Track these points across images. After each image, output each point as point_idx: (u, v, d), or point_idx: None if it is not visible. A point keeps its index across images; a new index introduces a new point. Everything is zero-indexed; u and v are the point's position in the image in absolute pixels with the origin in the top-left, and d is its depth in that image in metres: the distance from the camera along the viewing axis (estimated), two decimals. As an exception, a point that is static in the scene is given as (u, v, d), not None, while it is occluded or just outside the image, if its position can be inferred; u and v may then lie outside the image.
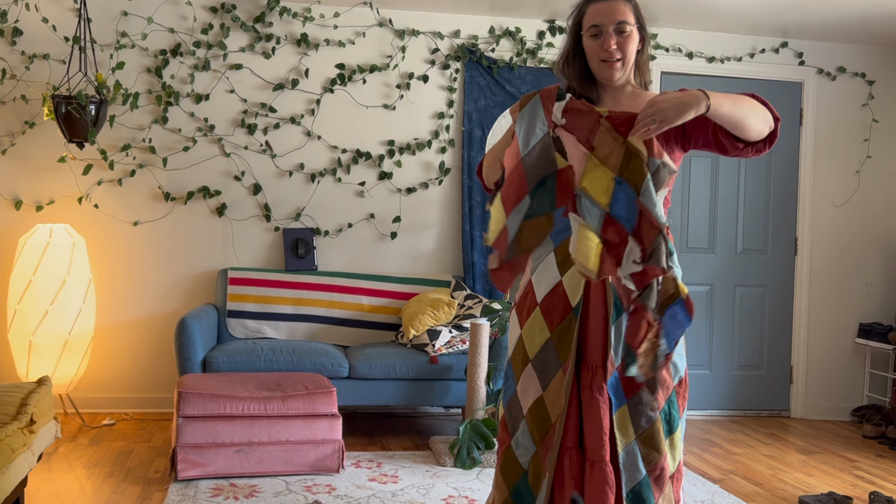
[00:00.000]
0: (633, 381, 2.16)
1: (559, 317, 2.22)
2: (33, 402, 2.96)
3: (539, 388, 2.22)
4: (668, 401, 2.20)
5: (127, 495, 3.58)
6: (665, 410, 2.20)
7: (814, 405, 5.67)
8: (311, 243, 5.12)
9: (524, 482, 2.26)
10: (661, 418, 2.20)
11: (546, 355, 2.23)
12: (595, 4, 2.26)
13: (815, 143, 5.65)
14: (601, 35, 2.22)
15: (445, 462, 4.13)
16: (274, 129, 5.16)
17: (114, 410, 5.03)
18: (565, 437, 2.20)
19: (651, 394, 2.10)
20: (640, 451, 2.18)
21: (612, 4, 2.24)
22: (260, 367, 4.42)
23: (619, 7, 2.24)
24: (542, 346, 2.23)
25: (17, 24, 4.88)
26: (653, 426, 2.19)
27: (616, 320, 2.19)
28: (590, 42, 2.25)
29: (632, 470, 2.17)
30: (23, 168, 4.94)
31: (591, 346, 2.21)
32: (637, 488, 2.18)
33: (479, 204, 5.27)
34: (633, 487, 2.17)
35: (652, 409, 2.19)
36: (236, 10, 5.07)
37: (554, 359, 2.21)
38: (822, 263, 5.68)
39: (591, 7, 2.26)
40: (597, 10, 2.25)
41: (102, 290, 5.01)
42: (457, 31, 5.30)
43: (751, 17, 5.16)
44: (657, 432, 2.19)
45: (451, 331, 4.71)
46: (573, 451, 2.20)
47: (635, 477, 2.18)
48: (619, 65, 2.23)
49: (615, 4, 2.24)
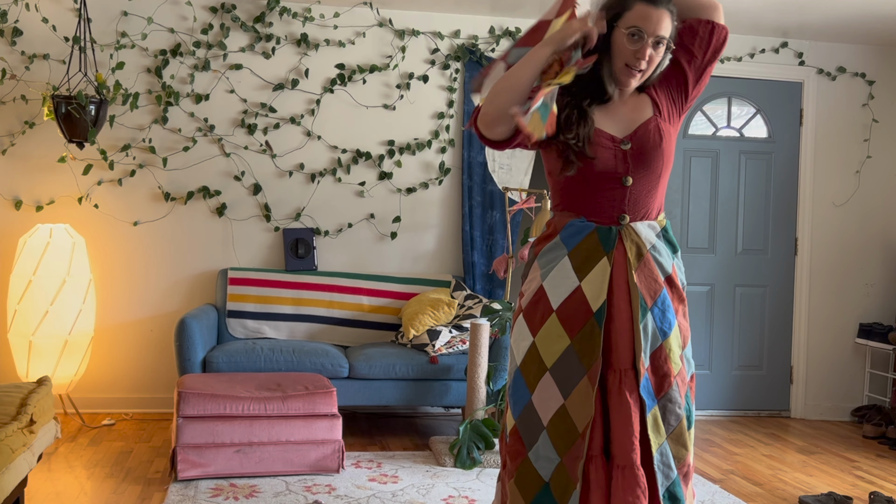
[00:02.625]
0: (663, 381, 2.16)
1: (580, 323, 2.16)
2: (33, 402, 2.96)
3: (561, 397, 2.15)
4: (684, 396, 2.22)
5: (127, 495, 3.58)
6: (686, 407, 2.22)
7: (814, 405, 5.67)
8: (311, 243, 5.12)
9: (546, 494, 2.17)
10: (685, 415, 2.20)
11: (567, 363, 2.16)
12: (645, 6, 2.15)
13: (815, 143, 5.65)
14: (639, 41, 2.14)
15: (445, 462, 4.13)
16: (274, 129, 5.16)
17: (114, 410, 5.03)
18: (591, 446, 2.14)
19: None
20: (671, 450, 2.17)
21: (662, 13, 2.14)
22: (260, 368, 4.42)
23: (666, 19, 2.15)
24: (562, 353, 2.16)
25: (17, 24, 4.88)
26: (680, 424, 2.19)
27: (643, 320, 2.17)
28: (623, 41, 2.15)
29: (666, 470, 2.16)
30: (23, 168, 4.94)
31: (618, 350, 2.17)
32: (671, 487, 2.17)
33: (479, 204, 5.27)
34: (668, 487, 2.16)
35: (679, 407, 2.18)
36: (236, 10, 5.07)
37: (577, 366, 2.14)
38: (822, 263, 5.68)
39: (640, 7, 2.15)
40: (645, 13, 2.14)
41: (102, 290, 5.01)
42: (457, 31, 5.30)
43: (751, 17, 5.16)
44: (684, 429, 2.19)
45: (451, 331, 4.71)
46: (598, 458, 2.15)
47: (669, 476, 2.16)
48: (640, 76, 2.19)
49: (664, 14, 2.15)
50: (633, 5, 2.15)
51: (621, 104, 2.25)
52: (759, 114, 5.64)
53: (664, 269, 2.23)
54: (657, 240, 2.23)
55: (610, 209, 2.21)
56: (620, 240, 2.20)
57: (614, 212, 2.21)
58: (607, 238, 2.19)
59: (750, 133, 5.66)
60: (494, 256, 5.26)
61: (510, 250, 4.73)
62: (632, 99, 2.27)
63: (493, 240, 5.29)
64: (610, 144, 2.19)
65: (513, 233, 5.12)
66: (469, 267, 5.25)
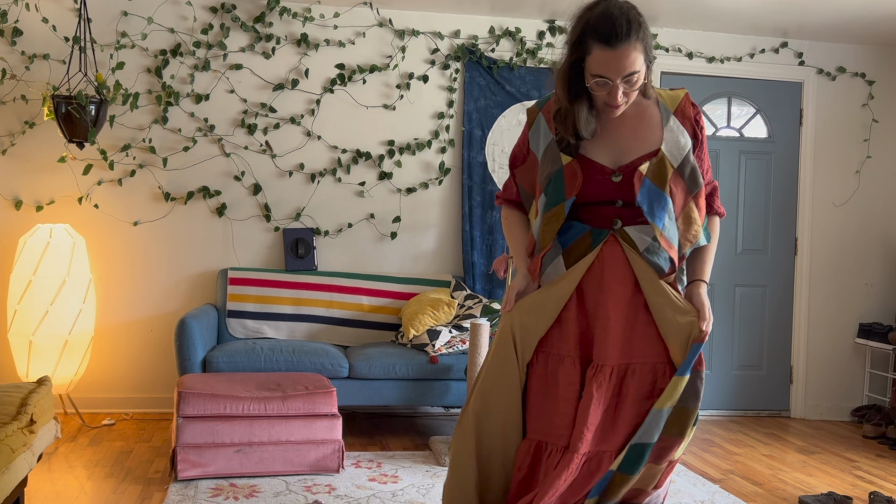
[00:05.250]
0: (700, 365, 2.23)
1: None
2: (33, 402, 2.96)
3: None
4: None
5: (127, 495, 3.58)
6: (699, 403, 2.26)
7: (814, 405, 5.67)
8: (311, 243, 5.12)
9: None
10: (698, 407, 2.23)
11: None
12: (602, 51, 2.04)
13: (815, 143, 5.65)
14: (606, 86, 2.10)
15: (445, 462, 4.13)
16: (274, 129, 5.16)
17: (114, 410, 5.03)
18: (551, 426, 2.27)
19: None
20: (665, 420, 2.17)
21: (622, 53, 2.03)
22: (260, 367, 4.42)
23: (629, 56, 2.03)
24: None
25: (17, 24, 4.88)
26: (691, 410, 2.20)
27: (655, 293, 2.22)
28: (594, 87, 2.12)
29: (649, 427, 2.16)
30: (23, 168, 4.94)
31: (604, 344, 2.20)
32: (641, 446, 2.16)
33: (478, 204, 5.27)
34: (639, 441, 2.16)
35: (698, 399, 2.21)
36: (236, 10, 5.07)
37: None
38: (822, 263, 5.68)
39: (598, 53, 2.05)
40: (604, 59, 2.04)
41: (102, 290, 5.01)
42: (457, 31, 5.30)
43: (751, 17, 5.16)
44: (690, 417, 2.20)
45: (451, 331, 4.71)
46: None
47: (648, 435, 2.16)
48: (624, 106, 2.17)
49: (625, 52, 2.03)
50: (592, 49, 2.06)
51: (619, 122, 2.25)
52: (758, 114, 5.64)
53: (660, 269, 2.23)
54: (652, 242, 2.22)
55: (604, 218, 2.26)
56: (614, 239, 2.23)
57: (608, 219, 2.26)
58: (598, 237, 2.24)
59: (750, 133, 5.66)
60: (494, 256, 5.27)
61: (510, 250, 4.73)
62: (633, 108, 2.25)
63: (492, 240, 5.30)
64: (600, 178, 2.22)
65: (513, 233, 5.11)
66: (469, 267, 5.25)
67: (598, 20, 2.05)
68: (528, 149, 2.34)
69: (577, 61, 2.13)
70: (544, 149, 2.27)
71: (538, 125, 2.30)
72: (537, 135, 2.30)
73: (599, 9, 2.07)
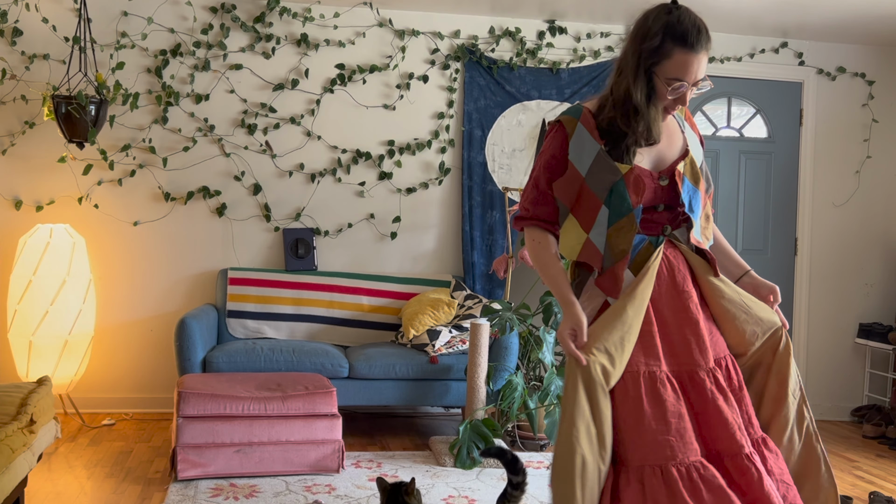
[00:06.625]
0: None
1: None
2: (33, 402, 2.96)
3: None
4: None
5: (127, 495, 3.58)
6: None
7: (814, 405, 5.67)
8: (311, 243, 5.12)
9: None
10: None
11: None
12: (684, 54, 2.12)
13: (815, 143, 5.65)
14: (681, 89, 2.16)
15: (445, 462, 4.13)
16: (274, 130, 5.16)
17: (114, 410, 5.03)
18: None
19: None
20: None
21: (701, 57, 2.13)
22: (260, 368, 4.42)
23: (704, 60, 2.15)
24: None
25: (17, 24, 4.88)
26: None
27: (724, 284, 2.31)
28: (663, 89, 2.16)
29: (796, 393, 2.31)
30: (23, 168, 4.95)
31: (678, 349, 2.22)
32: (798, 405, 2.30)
33: (478, 204, 5.27)
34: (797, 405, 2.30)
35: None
36: (236, 10, 5.07)
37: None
38: (822, 263, 5.68)
39: (679, 56, 2.13)
40: (685, 62, 2.13)
41: (102, 290, 5.01)
42: (457, 32, 5.30)
43: (751, 17, 5.16)
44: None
45: (451, 331, 4.71)
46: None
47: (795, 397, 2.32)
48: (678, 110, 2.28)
49: (703, 57, 2.14)
50: (673, 53, 2.13)
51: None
52: (758, 114, 5.64)
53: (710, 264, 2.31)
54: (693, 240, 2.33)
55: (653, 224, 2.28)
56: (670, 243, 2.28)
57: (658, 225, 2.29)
58: (657, 244, 2.27)
59: (750, 133, 5.66)
60: (494, 256, 5.27)
61: (510, 250, 4.73)
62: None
63: (493, 240, 5.30)
64: (652, 183, 2.24)
65: (513, 233, 5.12)
66: (469, 267, 5.25)
67: (680, 24, 2.13)
68: (568, 161, 2.25)
69: (652, 65, 2.15)
70: (592, 160, 2.21)
71: (580, 136, 2.22)
72: (580, 146, 2.22)
73: (678, 14, 2.15)
